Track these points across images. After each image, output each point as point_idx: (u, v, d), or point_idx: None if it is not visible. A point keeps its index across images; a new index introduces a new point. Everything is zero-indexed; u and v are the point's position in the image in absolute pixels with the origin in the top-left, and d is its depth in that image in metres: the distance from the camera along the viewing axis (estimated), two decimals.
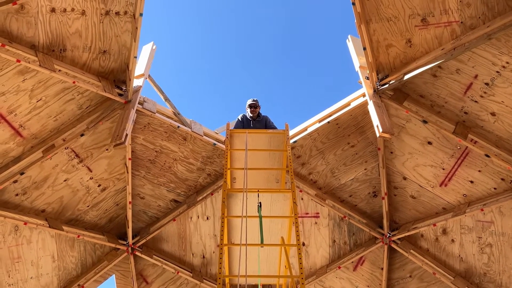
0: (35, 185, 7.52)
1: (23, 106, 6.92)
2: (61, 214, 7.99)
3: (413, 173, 7.97)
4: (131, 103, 7.34)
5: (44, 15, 6.43)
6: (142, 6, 6.66)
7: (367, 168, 8.29)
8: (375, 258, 8.69)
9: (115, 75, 7.31)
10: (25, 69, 6.61)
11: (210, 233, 8.71)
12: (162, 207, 8.64)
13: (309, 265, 8.89)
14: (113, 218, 8.54)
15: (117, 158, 7.96)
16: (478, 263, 7.89)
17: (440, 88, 7.05)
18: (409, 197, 8.22)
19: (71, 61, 6.91)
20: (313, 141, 8.12)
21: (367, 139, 8.06)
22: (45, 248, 7.96)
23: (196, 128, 8.11)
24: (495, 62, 6.47)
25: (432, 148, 7.59)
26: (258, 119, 7.84)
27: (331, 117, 7.93)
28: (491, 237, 7.67)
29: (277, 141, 7.15)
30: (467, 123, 7.12)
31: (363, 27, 6.82)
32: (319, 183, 8.49)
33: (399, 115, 7.52)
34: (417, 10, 6.59)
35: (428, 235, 8.25)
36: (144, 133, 7.92)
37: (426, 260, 8.20)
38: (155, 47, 8.76)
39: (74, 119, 7.41)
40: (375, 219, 8.60)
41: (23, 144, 7.19)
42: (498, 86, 6.64)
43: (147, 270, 8.78)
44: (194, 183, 8.48)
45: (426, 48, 6.88)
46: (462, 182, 7.64)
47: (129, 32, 6.92)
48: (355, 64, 7.92)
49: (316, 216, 8.61)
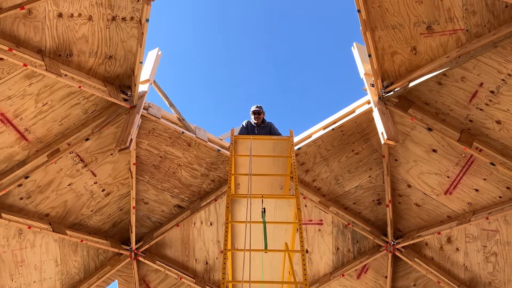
0: (40, 189, 7.53)
1: (29, 110, 6.96)
2: (65, 218, 8.00)
3: (418, 181, 7.94)
4: (136, 108, 7.36)
5: (51, 20, 6.48)
6: (148, 12, 6.70)
7: (371, 176, 8.27)
8: (379, 266, 8.64)
9: (121, 80, 7.35)
10: (31, 74, 6.66)
11: (213, 239, 8.69)
12: (166, 212, 8.63)
13: (313, 273, 8.85)
14: (117, 223, 8.54)
15: (122, 163, 7.98)
16: (483, 272, 7.83)
17: (445, 95, 7.05)
18: (413, 205, 8.18)
19: (77, 66, 6.95)
20: (317, 148, 8.11)
21: (371, 147, 8.04)
22: (49, 252, 7.96)
23: (201, 134, 8.12)
24: (501, 70, 6.46)
25: (437, 156, 7.56)
26: (262, 126, 7.85)
27: (336, 124, 7.92)
28: (496, 246, 7.61)
29: (281, 147, 7.15)
30: (472, 131, 7.10)
31: (368, 34, 6.83)
32: (323, 190, 8.47)
33: (404, 123, 7.51)
34: (422, 18, 6.60)
35: (433, 244, 8.20)
36: (149, 138, 7.93)
37: (430, 269, 8.15)
38: (160, 53, 8.80)
39: (79, 123, 7.44)
40: (379, 226, 8.56)
41: (28, 148, 7.22)
42: (504, 94, 6.62)
43: (150, 276, 8.76)
44: (198, 189, 8.48)
45: (431, 56, 6.88)
46: (467, 190, 7.60)
47: (135, 38, 6.96)
48: (360, 71, 7.93)
49: (319, 223, 8.58)
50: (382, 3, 6.62)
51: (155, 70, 8.39)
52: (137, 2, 6.70)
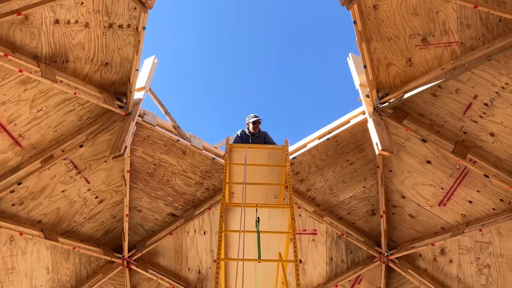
0: (32, 195, 7.48)
1: (23, 116, 6.93)
2: (57, 225, 7.94)
3: (412, 192, 7.95)
4: (131, 115, 7.35)
5: (48, 27, 6.47)
6: (145, 19, 6.72)
7: (365, 186, 8.27)
8: (373, 277, 8.61)
9: (116, 87, 7.34)
10: (26, 79, 6.64)
11: (206, 248, 8.64)
12: (159, 220, 8.58)
13: (306, 283, 8.81)
14: (110, 231, 8.48)
15: (116, 170, 7.94)
16: (476, 284, 7.82)
17: (440, 107, 7.09)
18: (407, 216, 8.19)
19: (73, 72, 6.94)
20: (312, 157, 8.12)
21: (366, 157, 8.06)
22: (40, 260, 7.88)
23: (196, 142, 8.11)
24: (495, 83, 6.52)
25: (431, 167, 7.59)
26: (257, 135, 7.85)
27: (331, 134, 7.94)
28: (489, 258, 7.62)
29: (276, 156, 7.15)
30: (466, 143, 7.14)
31: (364, 46, 6.88)
32: (318, 200, 8.46)
33: (399, 134, 7.54)
34: (418, 30, 6.66)
35: (426, 255, 8.20)
36: (143, 146, 7.91)
37: (424, 280, 8.13)
38: (157, 61, 8.80)
39: (74, 130, 7.41)
40: (373, 237, 8.55)
41: (21, 154, 7.17)
42: (497, 107, 6.67)
43: (142, 284, 8.69)
44: (192, 197, 8.45)
45: (426, 68, 6.93)
46: (460, 202, 7.62)
47: (132, 45, 6.97)
48: (355, 82, 7.97)
49: (313, 233, 8.56)
50: (378, 15, 6.67)
51: (151, 77, 8.38)
52: (134, 10, 6.72)
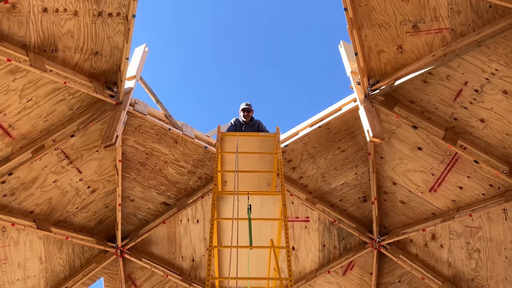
0: (24, 186, 7.45)
1: (13, 106, 6.87)
2: (50, 215, 7.92)
3: (403, 178, 8.01)
4: (122, 104, 7.31)
5: (36, 15, 6.40)
6: (135, 7, 6.66)
7: (357, 173, 8.32)
8: (365, 263, 8.70)
9: (107, 77, 7.28)
10: (15, 69, 6.57)
11: (200, 236, 8.67)
12: (152, 209, 8.60)
13: (299, 269, 8.89)
14: (102, 220, 8.48)
15: (107, 160, 7.92)
16: (466, 269, 7.94)
17: (431, 94, 7.12)
18: (398, 202, 8.26)
19: (63, 61, 6.87)
20: (304, 145, 8.14)
21: (357, 144, 8.09)
22: (33, 250, 7.87)
23: (188, 131, 8.09)
24: (485, 69, 6.55)
25: (422, 153, 7.64)
26: (250, 123, 7.85)
27: (322, 121, 7.95)
28: (479, 243, 7.72)
29: (268, 144, 7.16)
30: (456, 129, 7.19)
31: (355, 33, 6.87)
32: (310, 187, 8.51)
33: (390, 121, 7.57)
34: (409, 16, 6.66)
35: (417, 240, 8.29)
36: (135, 135, 7.89)
37: (415, 265, 8.23)
38: (147, 49, 8.74)
39: (65, 120, 7.37)
40: (365, 224, 8.63)
41: (12, 144, 7.13)
42: (487, 93, 6.71)
43: (136, 273, 8.72)
44: (184, 186, 8.46)
45: (417, 55, 6.95)
46: (451, 188, 7.70)
47: (122, 34, 6.91)
48: (347, 69, 7.97)
49: (306, 220, 8.61)
50: (368, 1, 6.66)
51: (142, 66, 8.33)
52: None
